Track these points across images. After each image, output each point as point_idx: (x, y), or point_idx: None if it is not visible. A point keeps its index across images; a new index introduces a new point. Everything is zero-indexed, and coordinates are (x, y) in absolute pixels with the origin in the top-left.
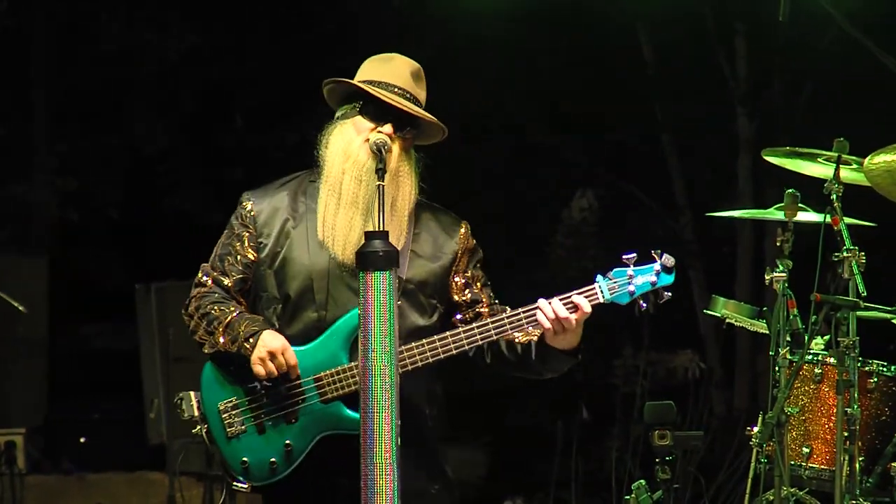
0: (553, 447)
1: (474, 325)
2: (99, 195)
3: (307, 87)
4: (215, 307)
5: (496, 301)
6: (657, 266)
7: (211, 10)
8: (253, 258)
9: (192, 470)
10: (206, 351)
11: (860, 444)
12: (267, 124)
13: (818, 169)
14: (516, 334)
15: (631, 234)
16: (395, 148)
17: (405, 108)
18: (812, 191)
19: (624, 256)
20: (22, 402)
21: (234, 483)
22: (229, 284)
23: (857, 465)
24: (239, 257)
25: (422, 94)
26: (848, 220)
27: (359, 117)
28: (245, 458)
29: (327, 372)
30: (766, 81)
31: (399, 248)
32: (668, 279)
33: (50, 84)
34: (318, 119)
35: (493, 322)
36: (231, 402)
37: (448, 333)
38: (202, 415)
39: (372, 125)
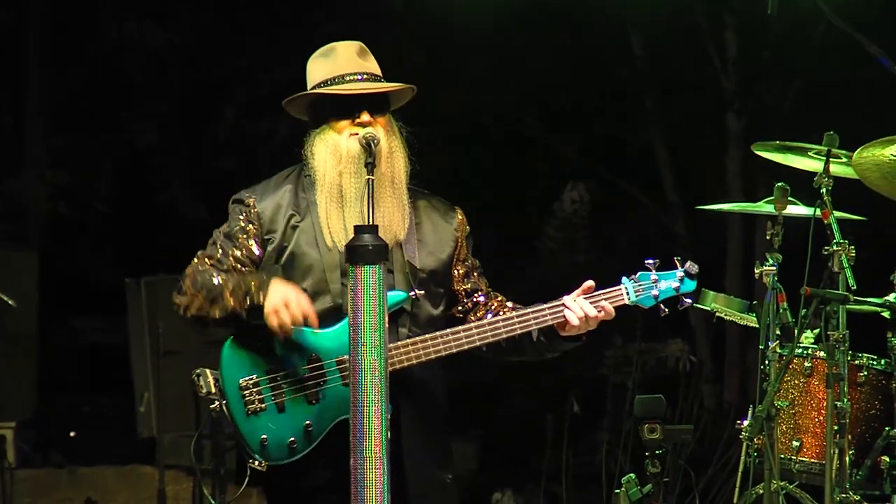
0: (543, 440)
1: (499, 319)
2: (90, 189)
3: (297, 80)
4: (214, 277)
5: (490, 288)
6: (680, 273)
7: (202, 2)
8: (258, 253)
9: (182, 463)
10: (216, 315)
11: (850, 437)
12: (257, 117)
13: (808, 163)
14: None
15: (621, 228)
16: (381, 131)
17: (372, 91)
18: (802, 185)
19: (646, 261)
20: (12, 396)
21: (250, 461)
22: (229, 267)
23: (847, 459)
24: (244, 250)
25: (375, 67)
26: (837, 213)
27: (333, 120)
28: (265, 436)
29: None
30: (756, 75)
31: (407, 226)
32: (691, 286)
33: (42, 78)
34: None
35: (518, 317)
36: (252, 379)
37: (473, 326)
38: (220, 390)
39: (348, 120)
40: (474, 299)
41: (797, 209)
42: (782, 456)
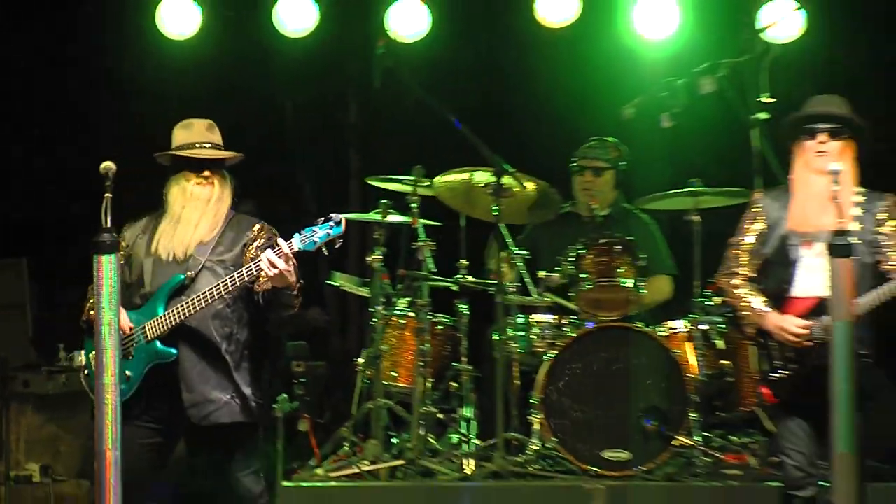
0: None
1: (226, 278)
2: None
3: (88, 112)
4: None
5: None
6: (332, 222)
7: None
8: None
9: None
10: (83, 319)
11: (431, 370)
12: (50, 147)
13: (403, 187)
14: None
15: (284, 234)
16: (217, 181)
17: (214, 156)
18: (401, 201)
19: (316, 221)
20: None
21: None
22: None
23: (428, 384)
24: (122, 262)
25: (218, 138)
26: (423, 220)
27: (185, 172)
28: None
29: (150, 321)
30: (372, 128)
31: (213, 237)
32: (338, 230)
33: None
34: (97, 144)
35: (237, 274)
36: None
37: (213, 286)
38: (87, 363)
39: (196, 173)
40: None
41: (396, 217)
42: (385, 382)
